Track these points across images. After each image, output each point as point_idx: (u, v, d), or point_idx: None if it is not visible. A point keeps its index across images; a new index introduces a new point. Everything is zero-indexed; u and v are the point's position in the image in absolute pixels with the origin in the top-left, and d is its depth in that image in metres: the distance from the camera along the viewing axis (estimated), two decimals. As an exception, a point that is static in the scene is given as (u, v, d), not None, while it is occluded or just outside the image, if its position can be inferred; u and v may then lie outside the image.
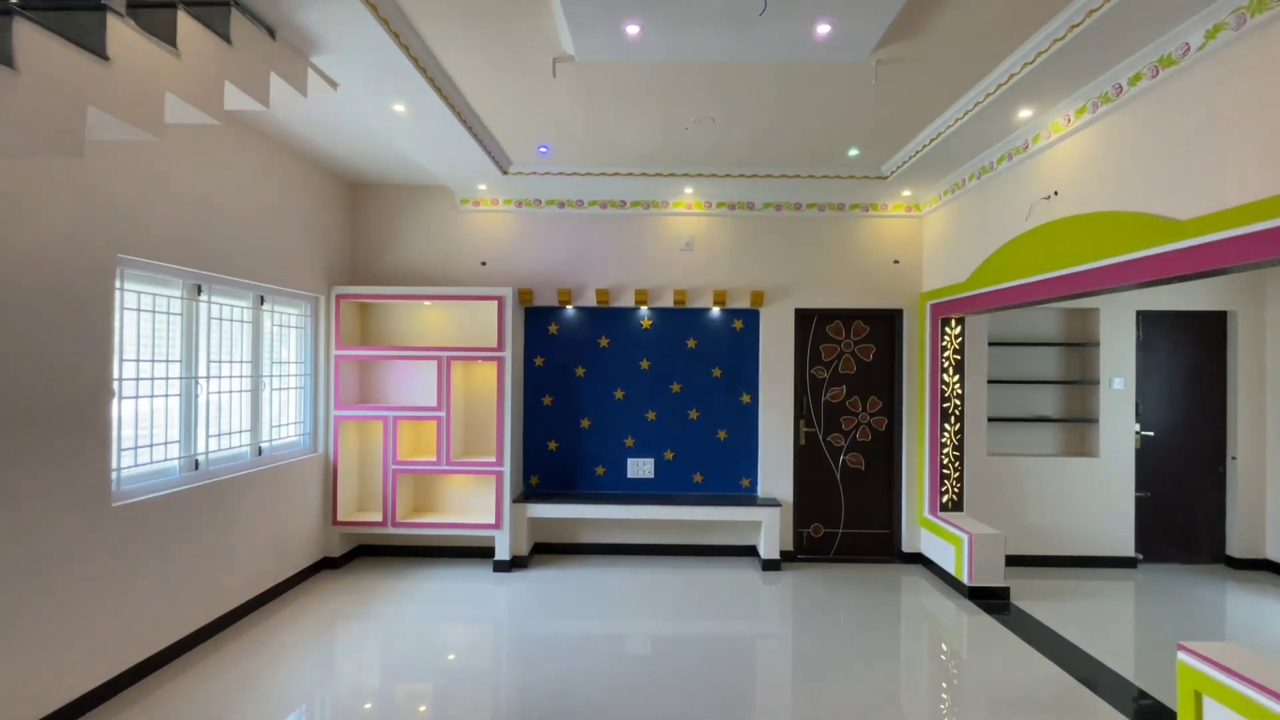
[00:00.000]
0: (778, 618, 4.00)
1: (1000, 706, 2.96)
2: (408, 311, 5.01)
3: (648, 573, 4.68)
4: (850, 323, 5.16)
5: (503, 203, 5.03)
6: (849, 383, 5.15)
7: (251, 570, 3.79)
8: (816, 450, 5.14)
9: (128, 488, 2.98)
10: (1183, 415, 5.10)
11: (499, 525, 4.65)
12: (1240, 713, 2.25)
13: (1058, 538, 4.97)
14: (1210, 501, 5.08)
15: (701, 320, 5.12)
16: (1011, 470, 4.98)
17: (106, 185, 2.77)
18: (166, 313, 3.25)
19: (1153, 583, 4.66)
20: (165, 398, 3.23)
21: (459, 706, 2.90)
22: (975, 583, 4.23)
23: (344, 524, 4.63)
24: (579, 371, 5.12)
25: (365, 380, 4.99)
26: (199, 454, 3.44)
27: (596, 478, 5.13)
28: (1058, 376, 5.22)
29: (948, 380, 4.73)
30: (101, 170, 2.75)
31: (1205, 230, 2.43)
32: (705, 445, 5.12)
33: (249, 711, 2.78)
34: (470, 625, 3.83)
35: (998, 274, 3.90)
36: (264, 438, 4.02)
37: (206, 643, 3.40)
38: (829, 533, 5.14)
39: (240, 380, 3.81)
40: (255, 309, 3.95)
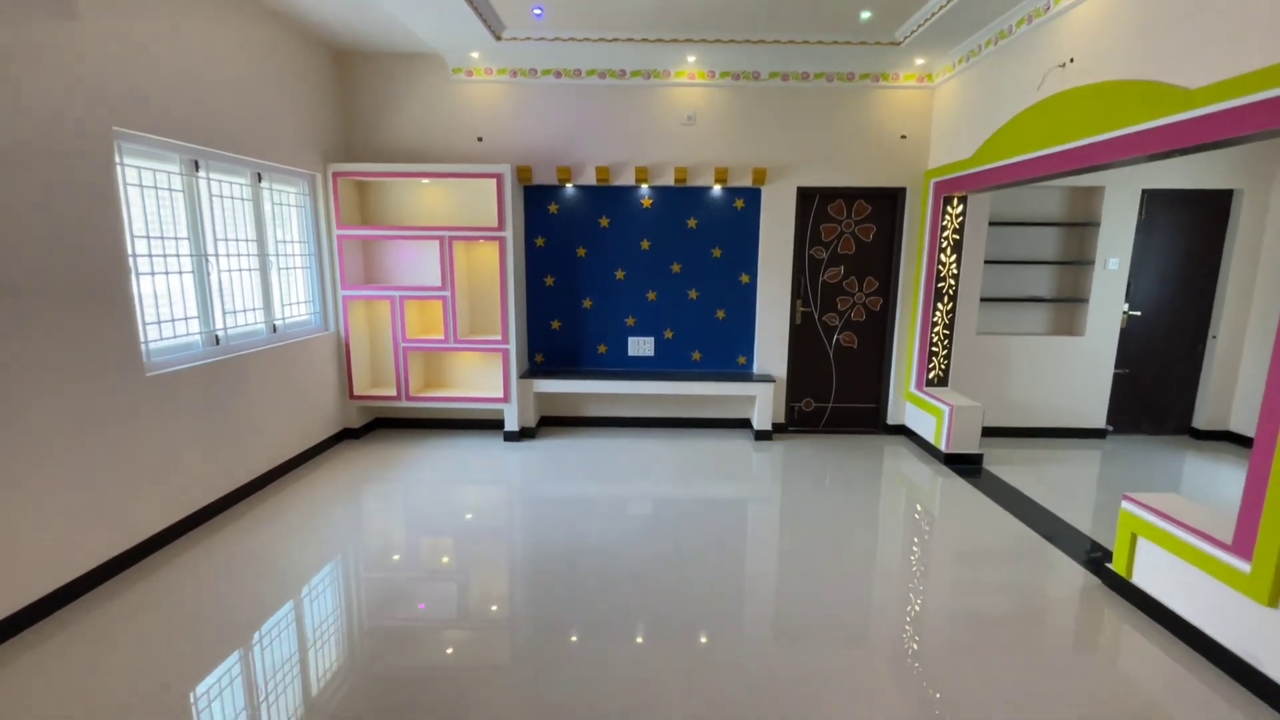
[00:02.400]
0: (767, 481, 4.35)
1: (965, 556, 3.33)
2: (406, 191, 4.96)
3: (648, 443, 5.02)
4: (852, 202, 5.12)
5: (497, 72, 4.81)
6: (847, 263, 5.21)
7: (279, 438, 4.09)
8: (812, 329, 5.31)
9: (158, 359, 3.16)
10: (1172, 296, 5.20)
11: (507, 399, 4.91)
12: (1165, 548, 2.56)
13: (1036, 411, 5.27)
14: (1185, 377, 5.32)
15: (702, 199, 5.08)
16: (999, 348, 5.17)
17: (97, 60, 2.72)
18: (169, 189, 3.26)
19: (1118, 451, 5.01)
20: (179, 274, 3.33)
21: (478, 556, 3.26)
22: (952, 450, 4.55)
23: (360, 398, 4.89)
24: (580, 252, 5.16)
25: (370, 261, 5.05)
26: (218, 330, 3.59)
27: (599, 356, 5.33)
28: (1054, 257, 5.27)
29: (945, 260, 4.79)
30: (91, 45, 2.69)
31: (1214, 99, 2.40)
32: (704, 324, 5.28)
33: (291, 556, 3.14)
34: (485, 488, 4.18)
35: (1005, 149, 3.84)
36: (277, 316, 4.16)
37: (244, 501, 3.74)
38: (819, 407, 5.43)
39: (248, 259, 3.88)
40: (254, 186, 3.93)
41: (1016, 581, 3.01)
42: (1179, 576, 2.50)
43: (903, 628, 2.59)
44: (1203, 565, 2.37)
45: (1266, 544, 2.10)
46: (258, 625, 2.55)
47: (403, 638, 2.49)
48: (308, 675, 2.28)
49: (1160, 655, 2.42)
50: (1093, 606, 2.77)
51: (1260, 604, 2.13)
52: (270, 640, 2.46)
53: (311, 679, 2.26)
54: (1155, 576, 2.63)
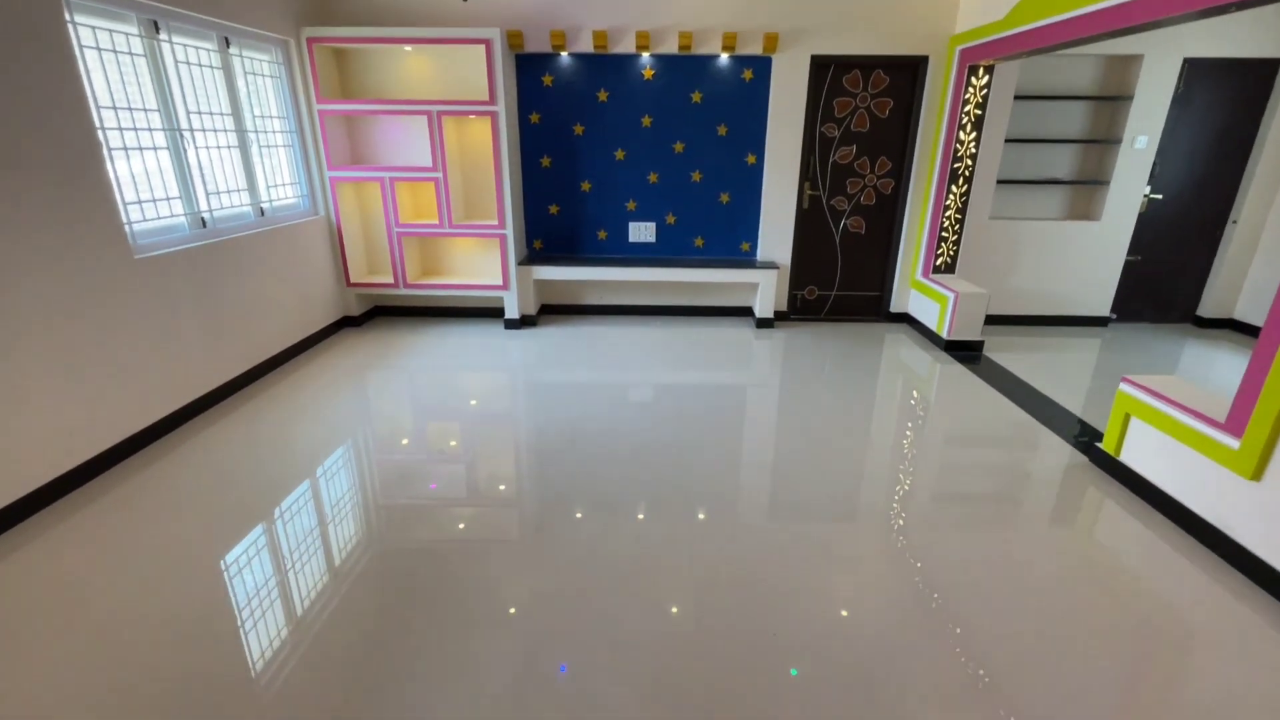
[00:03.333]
0: (767, 368, 4.39)
1: (958, 439, 3.41)
2: (389, 60, 4.59)
3: (649, 331, 5.01)
4: (869, 74, 4.75)
5: (481, -82, 4.29)
6: (860, 142, 4.93)
7: (279, 325, 4.07)
8: (819, 214, 5.12)
9: (144, 241, 3.06)
10: (1197, 178, 4.97)
11: (506, 286, 4.84)
12: (1158, 427, 2.61)
13: (1042, 299, 5.21)
14: (1197, 265, 5.21)
15: (708, 70, 4.71)
16: (1010, 234, 5.02)
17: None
18: (129, 53, 3.00)
19: (1120, 339, 5.01)
20: (154, 150, 3.15)
21: (485, 440, 3.34)
22: (953, 337, 4.55)
23: (358, 285, 4.82)
24: (577, 129, 4.87)
25: (355, 140, 4.78)
26: (203, 212, 3.45)
27: (599, 242, 5.19)
28: (1080, 135, 4.98)
29: (963, 138, 4.52)
30: None
31: (1287, -60, 2.13)
32: (707, 209, 5.09)
33: (302, 439, 3.22)
34: (488, 375, 4.22)
35: (1043, 7, 3.49)
36: (262, 198, 3.99)
37: (250, 387, 3.78)
38: (822, 294, 5.37)
39: (225, 135, 3.66)
40: (222, 53, 3.63)
41: (1006, 462, 3.11)
42: (1167, 454, 2.57)
43: (891, 505, 2.71)
44: (1192, 442, 2.42)
45: (1259, 422, 2.13)
46: (277, 502, 2.65)
47: (417, 514, 2.61)
48: (329, 547, 2.40)
49: (1138, 525, 2.54)
50: (1078, 483, 2.87)
51: (1243, 478, 2.20)
52: (290, 516, 2.57)
53: (333, 550, 2.39)
54: (1143, 455, 2.70)
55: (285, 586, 2.17)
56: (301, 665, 1.81)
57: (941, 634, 1.95)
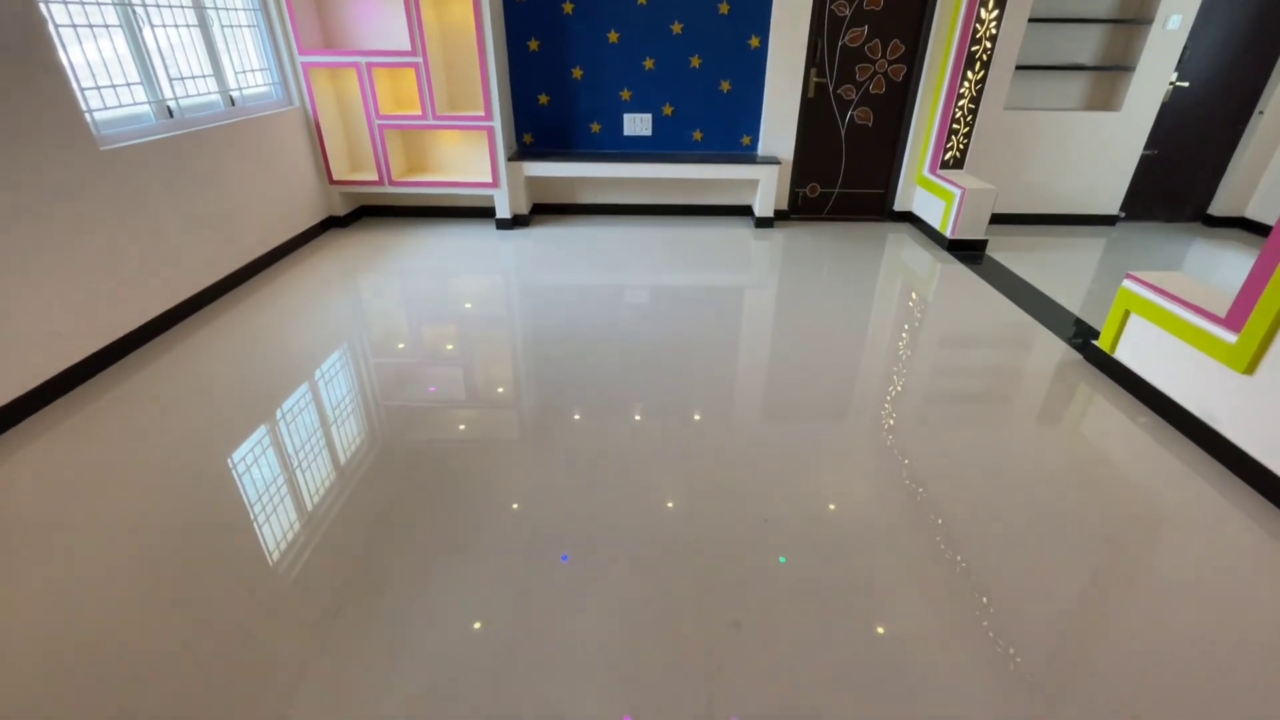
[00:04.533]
0: (765, 269, 4.31)
1: (954, 339, 3.39)
2: (355, -76, 4.14)
3: (645, 231, 4.87)
4: (887, -59, 4.32)
5: None
6: (872, 22, 4.57)
7: (262, 225, 3.93)
8: (825, 104, 4.84)
9: (107, 132, 2.88)
10: (1228, 64, 4.67)
11: (496, 184, 4.65)
12: (1157, 323, 2.60)
13: (1051, 197, 5.05)
14: (1216, 160, 5.01)
15: (710, -63, 4.28)
16: (1025, 125, 4.77)
17: None
18: (62, -88, 2.68)
19: (1126, 238, 4.91)
20: (106, 28, 2.89)
21: (481, 342, 3.32)
22: (957, 236, 4.44)
23: (341, 183, 4.62)
24: (566, 8, 4.48)
25: (327, 21, 4.40)
26: (168, 100, 3.23)
27: (592, 135, 4.93)
28: (1109, 13, 4.61)
29: (984, 16, 4.19)
30: None
31: None
32: (707, 98, 4.80)
33: (298, 340, 3.19)
34: (481, 277, 4.13)
35: None
36: (231, 85, 3.73)
37: (237, 289, 3.70)
38: (825, 192, 5.18)
39: (183, 12, 3.36)
40: (168, -86, 3.25)
41: (1000, 362, 3.12)
42: (1162, 350, 2.57)
43: (882, 404, 2.74)
44: (1189, 338, 2.42)
45: (1260, 317, 2.12)
46: (279, 403, 2.66)
47: (418, 415, 2.63)
48: (334, 447, 2.44)
49: (1125, 421, 2.59)
50: (1069, 380, 2.90)
51: (1236, 371, 2.21)
52: (293, 417, 2.59)
53: (338, 450, 2.42)
54: (1138, 351, 2.71)
55: (294, 483, 2.22)
56: (315, 554, 1.88)
57: (923, 524, 2.03)
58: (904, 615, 1.69)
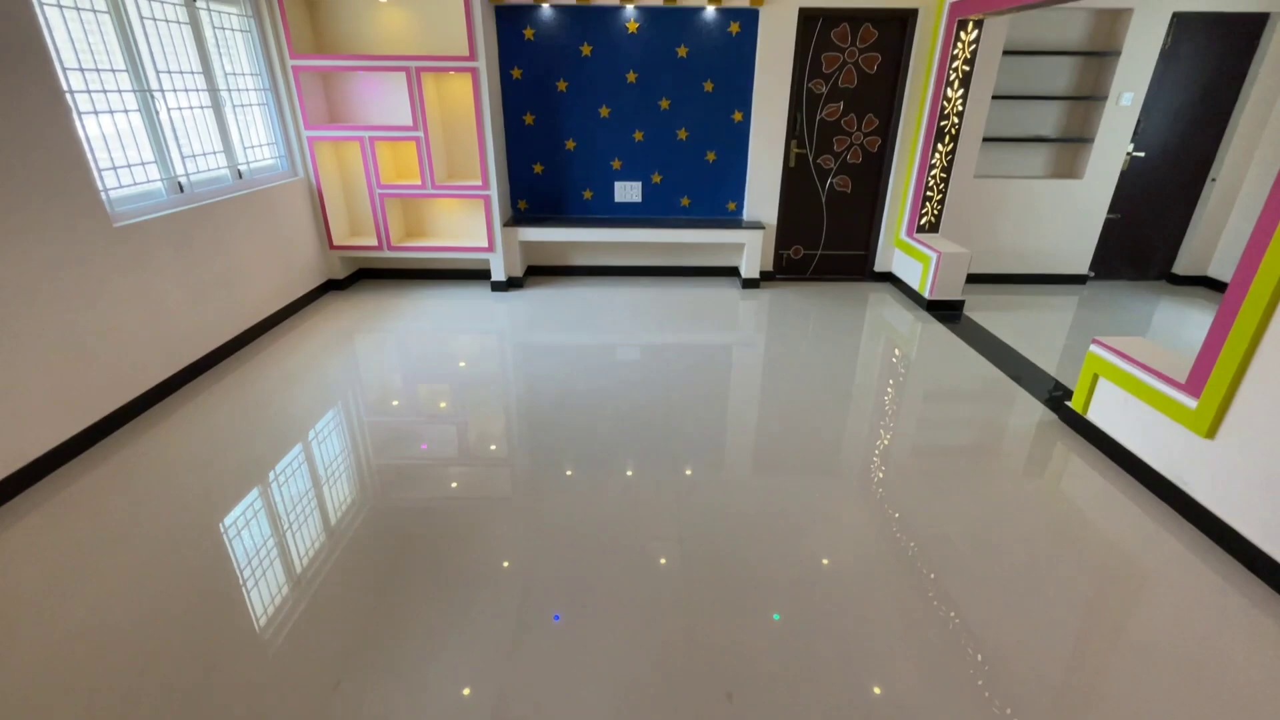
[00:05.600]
0: (753, 328, 4.45)
1: (935, 396, 3.52)
2: (363, 11, 4.42)
3: (636, 292, 5.03)
4: (858, 27, 4.66)
5: None
6: (847, 98, 4.87)
7: (263, 290, 4.04)
8: (805, 172, 5.10)
9: (121, 209, 3.01)
10: (1180, 135, 5.00)
11: (492, 248, 4.82)
12: (1123, 387, 2.72)
13: (1023, 257, 5.28)
14: (1175, 223, 5.29)
15: (694, 22, 4.60)
16: (994, 192, 5.05)
17: None
18: (92, 10, 2.88)
19: (1096, 296, 5.12)
20: (125, 113, 3.06)
21: (474, 400, 3.40)
22: (935, 296, 4.63)
23: (341, 248, 4.77)
24: (560, 86, 4.76)
25: (333, 98, 4.64)
26: (180, 176, 3.39)
27: (584, 202, 5.15)
28: (1067, 92, 4.96)
29: (950, 95, 4.49)
30: None
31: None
32: (694, 167, 5.05)
33: (293, 403, 3.26)
34: (475, 337, 4.25)
35: (1032, -38, 3.44)
36: (240, 160, 3.91)
37: (236, 354, 3.79)
38: (808, 254, 5.40)
39: (198, 94, 3.56)
40: (189, 7, 3.48)
41: (980, 420, 3.23)
42: (1131, 412, 2.69)
43: (870, 459, 2.82)
44: (1154, 402, 2.54)
45: (1216, 383, 2.24)
46: (272, 465, 2.71)
47: (409, 474, 2.68)
48: (324, 507, 2.48)
49: (1100, 481, 2.68)
50: (1046, 440, 3.00)
51: (1199, 436, 2.32)
52: (285, 478, 2.64)
53: (329, 510, 2.46)
54: (1109, 413, 2.83)
55: (284, 546, 2.25)
56: (303, 621, 1.90)
57: (917, 580, 2.08)
58: (901, 674, 1.73)
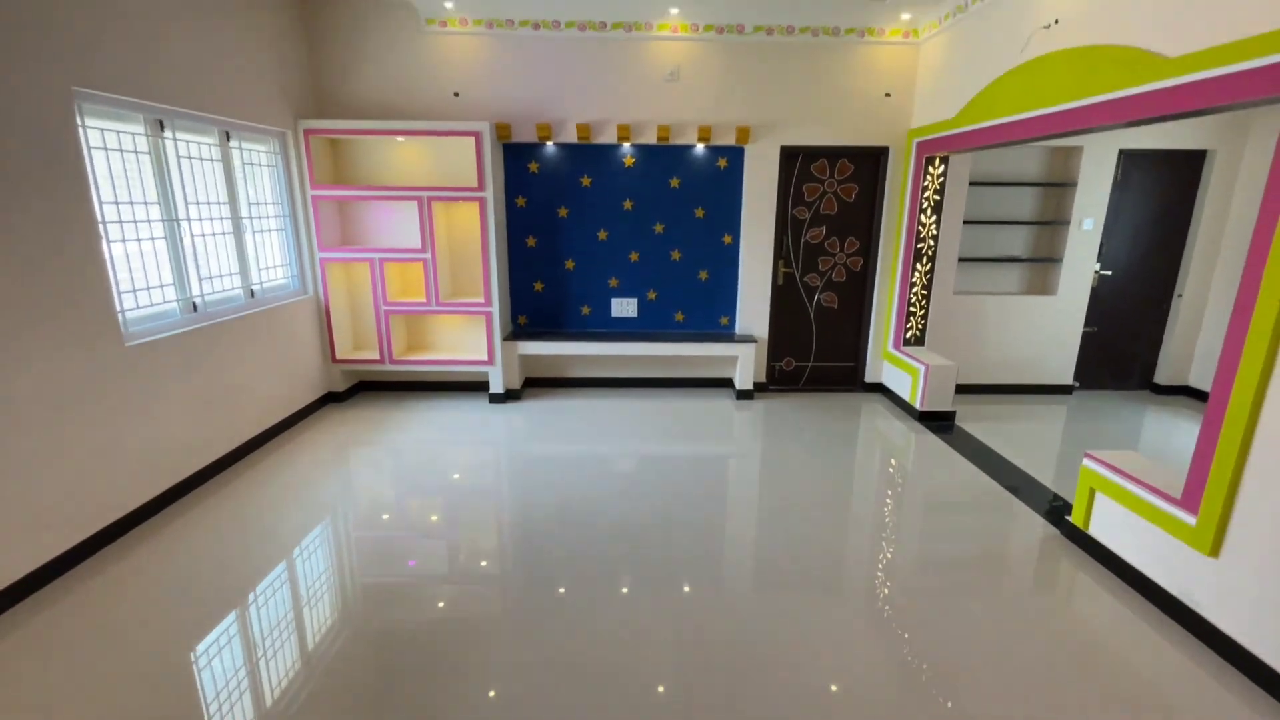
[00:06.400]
0: (748, 438, 4.48)
1: (934, 508, 3.50)
2: (382, 149, 4.82)
3: (632, 403, 5.10)
4: (835, 162, 5.10)
5: (472, 23, 4.63)
6: (829, 223, 5.23)
7: (263, 404, 4.08)
8: (793, 290, 5.36)
9: (135, 329, 3.11)
10: (1142, 255, 5.33)
11: (491, 361, 4.93)
12: (1121, 502, 2.72)
13: (1007, 368, 5.43)
14: (1150, 335, 5.51)
15: (685, 158, 5.02)
16: (974, 308, 5.28)
17: (54, 16, 2.56)
18: (134, 151, 3.14)
19: (1083, 406, 5.22)
20: (151, 240, 3.25)
21: (467, 514, 3.35)
22: (926, 408, 4.71)
23: (343, 362, 4.87)
24: (561, 212, 5.10)
25: (346, 222, 4.94)
26: (195, 297, 3.53)
27: (582, 317, 5.35)
28: (1032, 217, 5.34)
29: (925, 221, 4.83)
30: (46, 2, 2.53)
31: (1191, 69, 2.42)
32: (687, 285, 5.30)
33: (282, 520, 3.20)
34: (472, 449, 4.24)
35: (988, 110, 3.84)
36: (254, 280, 4.09)
37: (231, 468, 3.76)
38: (799, 365, 5.54)
39: (221, 222, 3.79)
40: (222, 146, 3.80)
41: (982, 531, 3.18)
42: (1132, 528, 2.67)
43: (874, 575, 2.75)
44: (1153, 518, 2.54)
45: (1211, 499, 2.26)
46: (253, 586, 2.62)
47: (395, 593, 2.59)
48: (303, 632, 2.37)
49: (1110, 599, 2.61)
50: (1051, 555, 2.95)
51: (1203, 554, 2.30)
52: (265, 599, 2.54)
53: (307, 635, 2.35)
54: (1110, 529, 2.81)
55: (256, 677, 2.12)
56: (282, 773, 1.77)
57: (934, 709, 1.97)
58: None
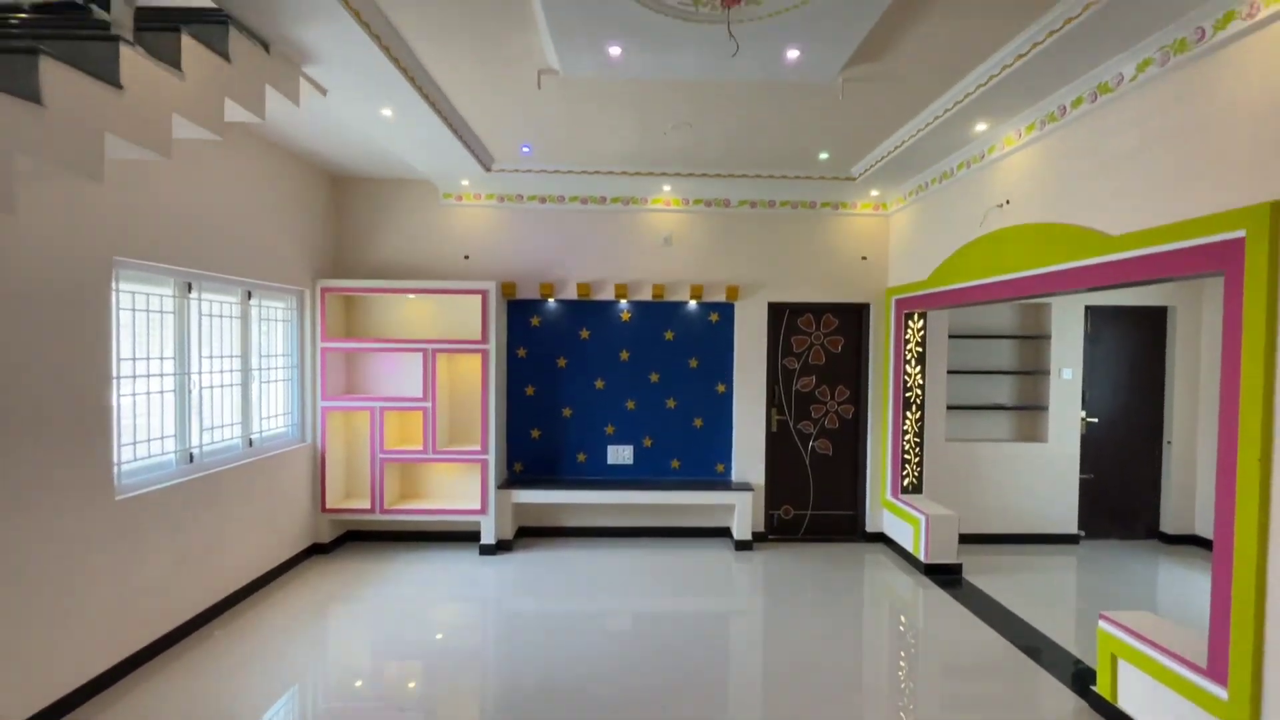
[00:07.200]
0: (749, 594, 4.28)
1: (952, 673, 3.28)
2: (392, 304, 5.11)
3: (627, 554, 4.93)
4: (820, 315, 5.41)
5: (485, 197, 5.14)
6: (818, 373, 5.42)
7: (245, 557, 3.94)
8: (787, 437, 5.42)
9: (128, 481, 3.09)
10: (1125, 403, 5.48)
11: (484, 511, 4.84)
12: (1145, 671, 2.57)
13: (1008, 517, 5.34)
14: (1147, 481, 5.49)
15: (679, 313, 5.32)
16: (968, 455, 5.31)
17: (101, 191, 2.84)
18: (160, 311, 3.34)
19: (1092, 557, 5.06)
20: (160, 394, 3.34)
21: (448, 683, 3.11)
22: (931, 560, 4.56)
23: (333, 511, 4.77)
24: (561, 362, 5.30)
25: (352, 371, 5.11)
26: (193, 447, 3.55)
27: (578, 464, 5.34)
28: (1012, 367, 5.56)
29: (910, 371, 5.02)
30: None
31: (1133, 246, 2.69)
32: (682, 433, 5.36)
33: (252, 685, 2.96)
34: (458, 605, 4.03)
35: (956, 274, 4.16)
36: (254, 430, 4.13)
37: (208, 624, 3.54)
38: (798, 514, 5.44)
39: (232, 374, 3.91)
40: (243, 304, 4.04)
41: (1006, 704, 2.95)
42: (1163, 701, 2.50)
43: (894, 764, 2.51)
44: (1184, 691, 2.38)
45: (1239, 668, 2.14)
46: (210, 779, 2.36)
47: (368, 790, 2.33)
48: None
49: (1154, 789, 2.37)
50: (1083, 734, 2.72)
51: (1242, 734, 2.14)
52: (223, 798, 2.28)
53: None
54: (1140, 701, 2.62)
55: None
56: None
57: None
58: None
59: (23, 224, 2.47)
